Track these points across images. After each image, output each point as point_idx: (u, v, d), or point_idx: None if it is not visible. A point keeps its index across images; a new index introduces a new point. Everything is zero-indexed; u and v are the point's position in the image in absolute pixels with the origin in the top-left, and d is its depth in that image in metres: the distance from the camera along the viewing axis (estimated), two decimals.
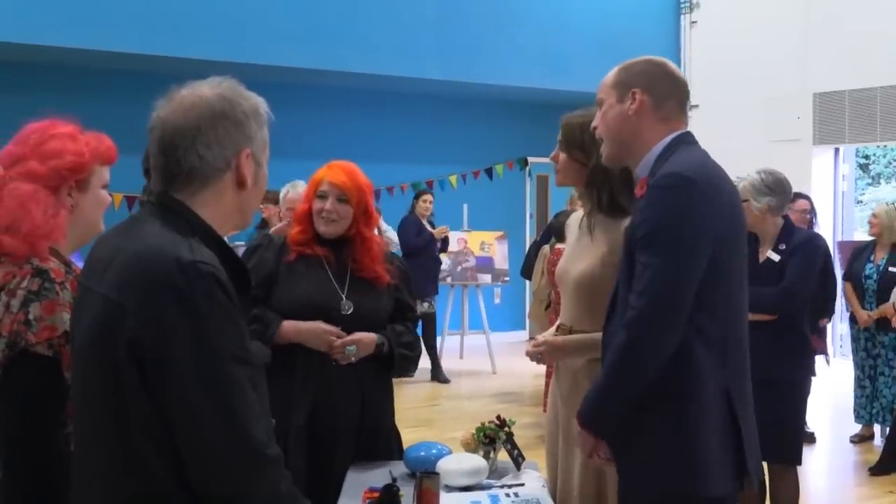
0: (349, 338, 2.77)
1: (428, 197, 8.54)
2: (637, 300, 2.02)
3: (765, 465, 3.86)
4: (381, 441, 2.89)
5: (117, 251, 1.56)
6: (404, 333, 2.93)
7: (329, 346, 2.76)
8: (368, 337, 2.81)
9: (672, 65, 2.27)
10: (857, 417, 6.35)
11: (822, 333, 6.16)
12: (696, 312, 2.03)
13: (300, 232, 2.89)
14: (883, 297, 5.97)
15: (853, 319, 6.35)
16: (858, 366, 6.30)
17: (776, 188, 3.77)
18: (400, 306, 2.96)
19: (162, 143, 1.61)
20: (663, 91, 2.21)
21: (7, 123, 2.04)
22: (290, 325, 2.78)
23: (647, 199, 2.08)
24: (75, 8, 7.28)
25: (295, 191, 4.72)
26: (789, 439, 3.77)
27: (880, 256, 6.16)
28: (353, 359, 2.77)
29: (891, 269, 5.99)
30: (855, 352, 6.36)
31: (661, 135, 2.19)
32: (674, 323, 2.01)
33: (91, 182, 2.00)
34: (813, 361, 3.88)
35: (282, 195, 4.91)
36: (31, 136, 1.96)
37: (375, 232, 3.01)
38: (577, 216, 2.78)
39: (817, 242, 3.97)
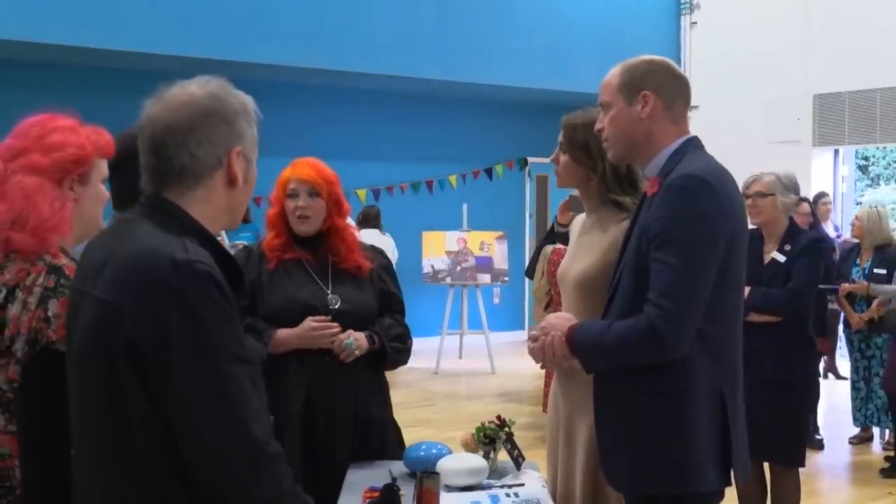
0: (348, 331, 2.78)
1: None
2: (661, 299, 2.01)
3: (766, 465, 3.88)
4: (377, 434, 2.89)
5: (110, 254, 1.55)
6: (393, 326, 2.93)
7: (330, 343, 2.76)
8: (360, 335, 2.82)
9: (674, 63, 2.28)
10: (854, 420, 6.33)
11: (825, 334, 6.15)
12: None
13: (275, 236, 2.88)
14: (872, 298, 5.96)
15: (847, 322, 6.35)
16: (853, 368, 6.29)
17: (793, 189, 3.90)
18: (385, 298, 2.97)
19: (153, 143, 1.60)
20: (672, 91, 2.21)
21: (10, 121, 2.03)
22: (283, 333, 2.78)
23: (663, 198, 2.08)
24: (77, 6, 7.27)
25: None
26: (793, 440, 3.78)
27: (865, 259, 6.14)
28: (356, 352, 2.78)
29: (876, 270, 5.97)
30: (850, 354, 6.36)
31: (671, 136, 2.20)
32: (695, 321, 2.03)
33: (92, 175, 1.99)
34: (818, 363, 3.89)
35: None
36: (31, 129, 1.95)
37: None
38: (581, 217, 2.78)
39: (823, 245, 4.00)
